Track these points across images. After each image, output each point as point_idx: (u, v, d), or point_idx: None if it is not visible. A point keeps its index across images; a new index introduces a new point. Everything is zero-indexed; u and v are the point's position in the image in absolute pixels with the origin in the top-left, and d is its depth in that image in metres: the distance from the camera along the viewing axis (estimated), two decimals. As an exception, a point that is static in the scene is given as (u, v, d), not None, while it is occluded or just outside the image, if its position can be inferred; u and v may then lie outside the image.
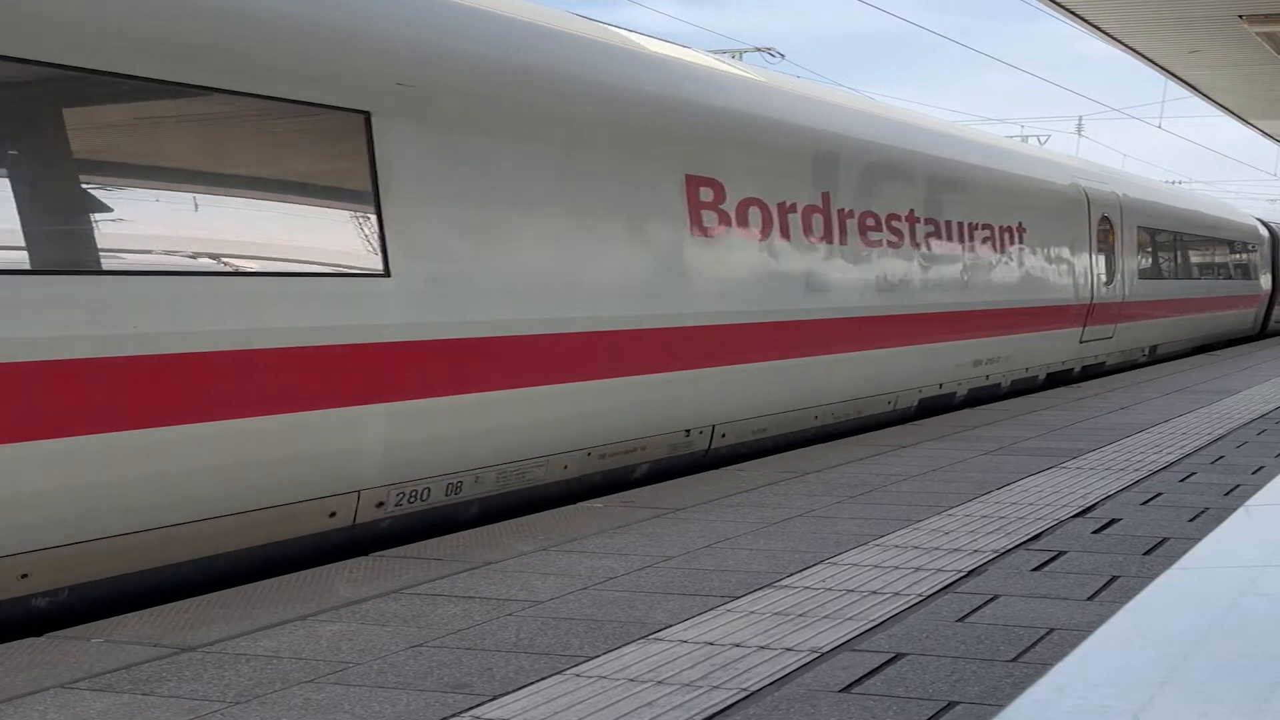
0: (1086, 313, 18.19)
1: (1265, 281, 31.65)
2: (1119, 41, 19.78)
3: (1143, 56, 20.99)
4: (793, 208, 10.94)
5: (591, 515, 7.45)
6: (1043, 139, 45.76)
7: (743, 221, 10.28)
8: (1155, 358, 22.61)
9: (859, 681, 4.24)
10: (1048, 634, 4.79)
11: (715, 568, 5.99)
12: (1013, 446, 10.29)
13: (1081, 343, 18.32)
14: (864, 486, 8.32)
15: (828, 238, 11.41)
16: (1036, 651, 4.57)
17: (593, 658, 4.57)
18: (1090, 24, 18.57)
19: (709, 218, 9.88)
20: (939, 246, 13.58)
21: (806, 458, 9.78)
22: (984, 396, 15.31)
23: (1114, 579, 5.67)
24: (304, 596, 5.57)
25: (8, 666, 4.59)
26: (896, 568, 5.93)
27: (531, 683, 4.28)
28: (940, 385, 14.01)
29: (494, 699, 4.12)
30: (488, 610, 5.26)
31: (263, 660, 4.60)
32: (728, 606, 5.26)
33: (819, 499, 7.87)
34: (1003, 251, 15.31)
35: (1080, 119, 65.84)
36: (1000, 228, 15.30)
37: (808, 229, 11.13)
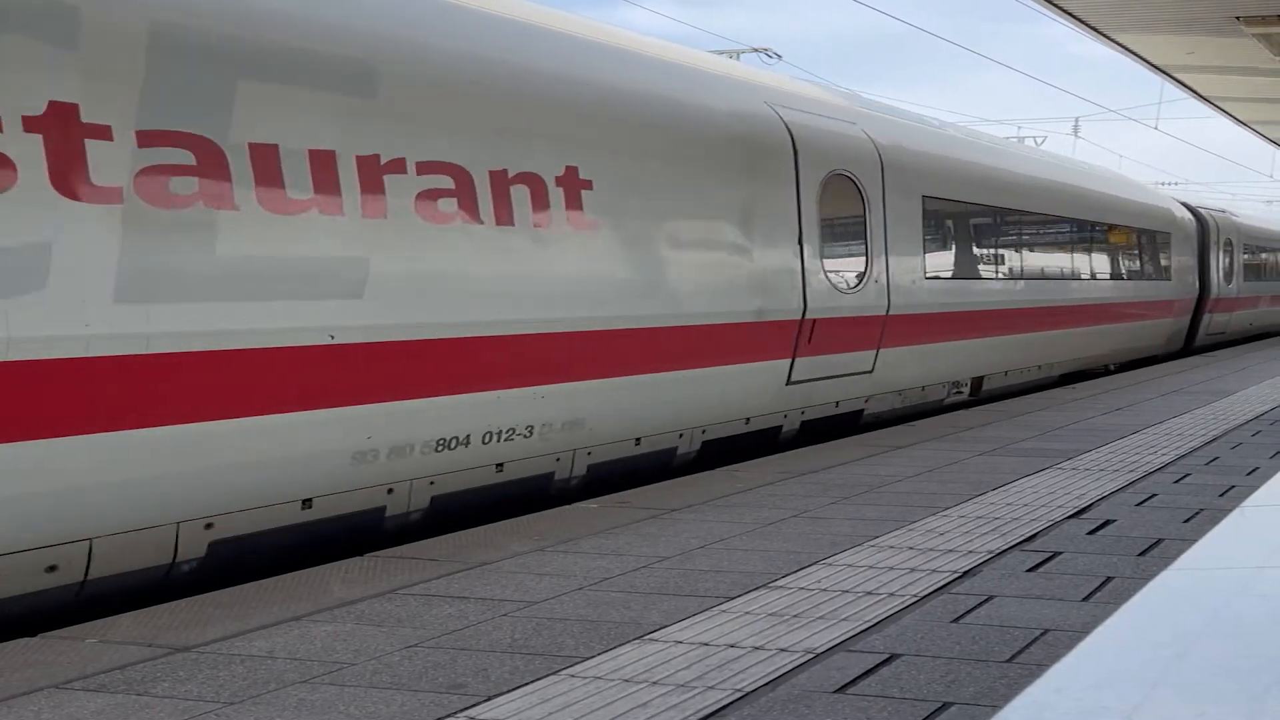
0: (797, 335, 11.04)
1: (1188, 284, 23.70)
2: (1116, 43, 19.81)
3: (1139, 58, 21.03)
4: None
5: (587, 516, 7.44)
6: (1039, 140, 45.73)
7: None
8: (981, 395, 15.42)
9: (854, 682, 4.24)
10: (1042, 635, 4.79)
11: (710, 568, 5.99)
12: (1008, 447, 10.29)
13: (790, 384, 11.07)
14: (859, 487, 8.31)
15: None
16: (1031, 652, 4.57)
17: (588, 658, 4.56)
18: (1087, 25, 18.60)
19: None
20: (247, 208, 6.38)
21: (804, 458, 9.75)
22: (482, 505, 8.08)
23: (1109, 580, 5.67)
24: (299, 597, 5.56)
25: (1, 666, 4.58)
26: (891, 568, 5.93)
27: (526, 683, 4.27)
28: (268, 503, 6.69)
29: (489, 699, 4.11)
30: (483, 611, 5.26)
31: (257, 660, 4.59)
32: (723, 607, 5.26)
33: (814, 500, 7.86)
34: (518, 224, 8.04)
35: (1077, 120, 66.35)
36: (499, 175, 7.90)
37: None
